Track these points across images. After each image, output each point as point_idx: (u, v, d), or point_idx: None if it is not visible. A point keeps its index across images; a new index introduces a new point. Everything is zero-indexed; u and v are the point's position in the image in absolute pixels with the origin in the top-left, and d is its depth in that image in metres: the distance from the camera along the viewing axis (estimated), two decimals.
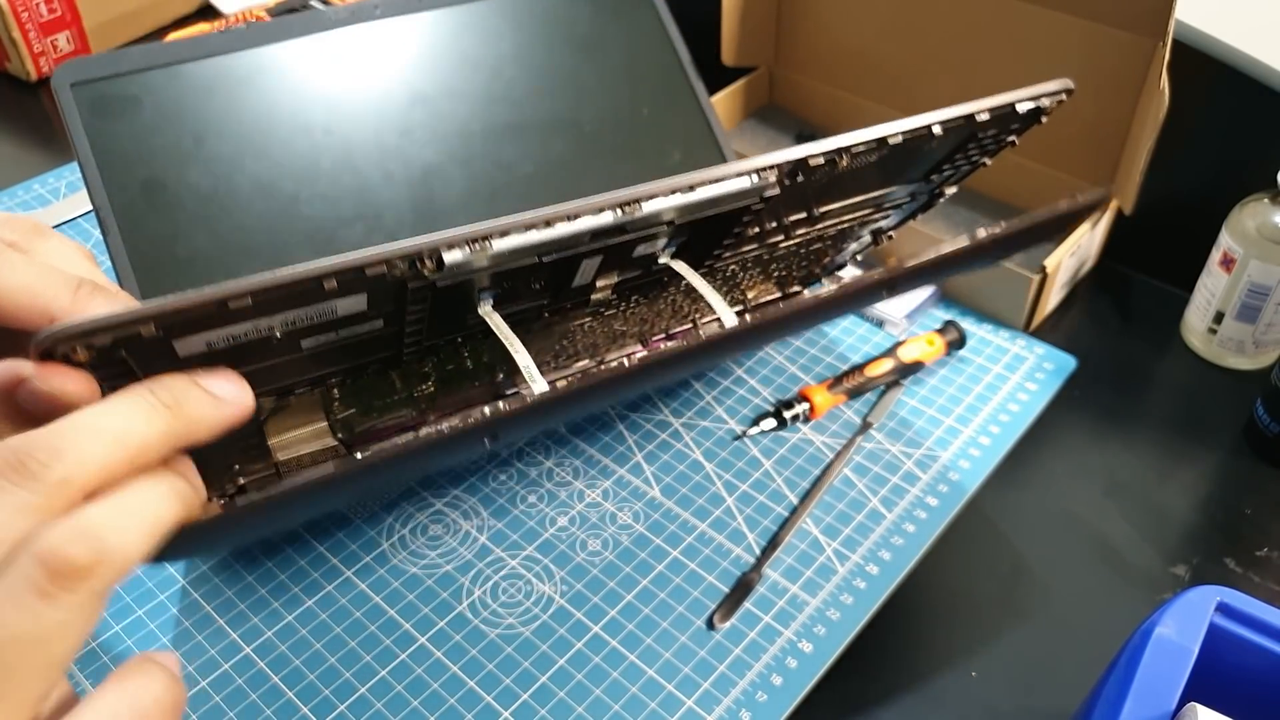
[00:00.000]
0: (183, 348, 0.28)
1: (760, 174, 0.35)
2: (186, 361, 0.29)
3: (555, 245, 0.33)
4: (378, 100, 0.50)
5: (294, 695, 0.43)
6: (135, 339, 0.27)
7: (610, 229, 0.33)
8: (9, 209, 0.71)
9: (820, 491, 0.52)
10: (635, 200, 0.33)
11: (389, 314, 0.33)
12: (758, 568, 0.48)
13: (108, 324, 0.26)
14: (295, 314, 0.30)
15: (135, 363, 0.28)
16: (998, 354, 0.60)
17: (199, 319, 0.27)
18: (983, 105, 0.37)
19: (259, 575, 0.48)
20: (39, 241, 0.34)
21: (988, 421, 0.56)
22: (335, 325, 0.32)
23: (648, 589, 0.47)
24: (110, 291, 0.33)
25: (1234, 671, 0.35)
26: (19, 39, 0.83)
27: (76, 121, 0.44)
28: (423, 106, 0.50)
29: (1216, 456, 0.55)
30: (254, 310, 0.28)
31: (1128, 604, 0.48)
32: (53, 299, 0.31)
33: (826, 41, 0.73)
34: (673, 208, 0.34)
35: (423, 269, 0.30)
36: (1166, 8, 0.55)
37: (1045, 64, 0.63)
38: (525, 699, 0.43)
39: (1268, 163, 0.55)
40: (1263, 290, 0.56)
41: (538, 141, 0.52)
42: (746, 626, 0.46)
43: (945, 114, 0.37)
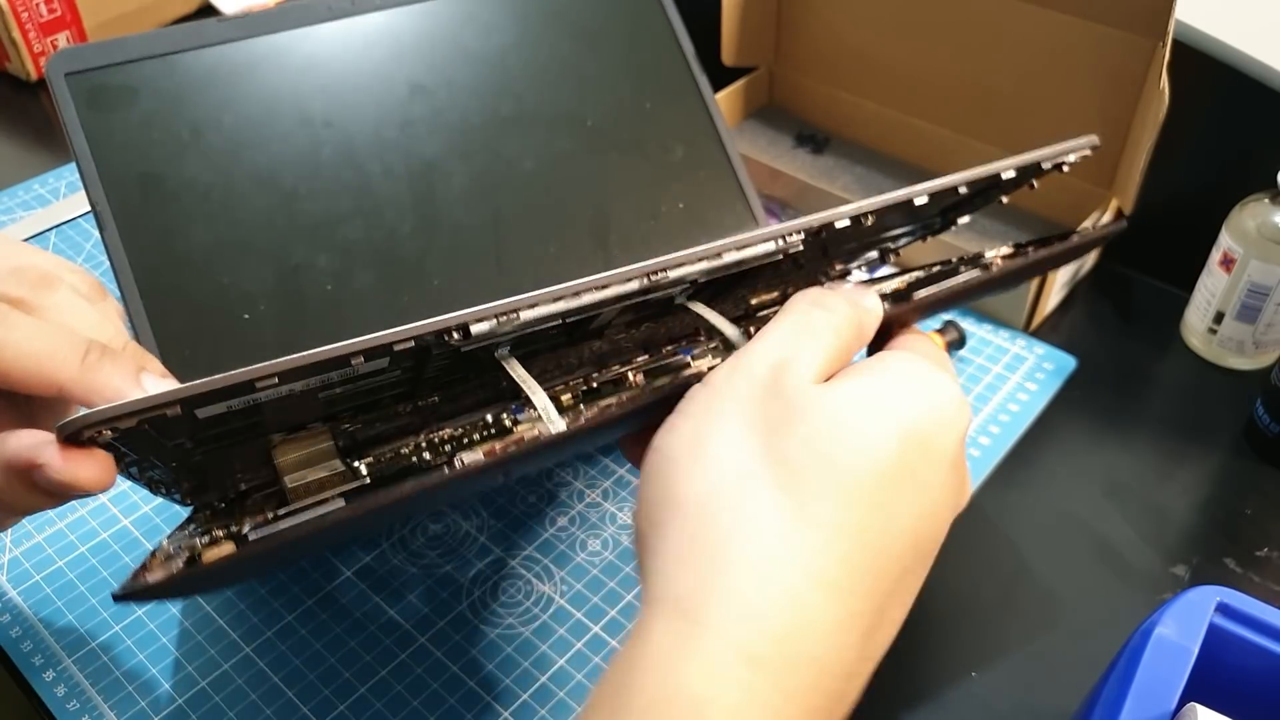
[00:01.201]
0: (203, 412, 0.29)
1: (786, 238, 0.36)
2: (205, 424, 0.30)
3: (581, 311, 0.33)
4: (379, 92, 0.49)
5: (294, 695, 0.43)
6: (160, 417, 0.27)
7: (636, 293, 0.34)
8: (9, 209, 0.71)
9: None
10: (663, 269, 0.33)
11: (408, 367, 0.34)
12: None
13: (134, 410, 0.27)
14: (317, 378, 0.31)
15: (156, 431, 0.28)
16: (998, 354, 0.60)
17: (223, 394, 0.28)
18: (1009, 164, 0.38)
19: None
20: (46, 295, 0.34)
21: (988, 422, 0.56)
22: (354, 380, 0.33)
23: None
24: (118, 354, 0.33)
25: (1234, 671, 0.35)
26: (19, 39, 0.83)
27: (71, 112, 0.44)
28: (424, 99, 0.50)
29: (1216, 456, 0.55)
30: (279, 383, 0.28)
31: (1128, 604, 0.48)
32: (60, 367, 0.31)
33: (826, 41, 0.73)
34: (699, 271, 0.34)
35: (450, 341, 0.30)
36: (1166, 8, 0.55)
37: (1045, 64, 0.63)
38: (525, 699, 0.43)
39: (1268, 163, 0.55)
40: (1263, 290, 0.56)
41: (539, 135, 0.52)
42: None
43: (971, 175, 0.37)
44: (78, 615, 0.47)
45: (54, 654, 0.45)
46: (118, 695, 0.44)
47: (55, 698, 0.44)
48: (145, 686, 0.44)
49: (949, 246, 0.62)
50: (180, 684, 0.44)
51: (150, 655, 0.45)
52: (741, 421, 0.28)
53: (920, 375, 0.30)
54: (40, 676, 0.44)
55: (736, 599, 0.26)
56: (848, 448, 0.27)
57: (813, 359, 0.30)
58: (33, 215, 0.70)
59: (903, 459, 0.28)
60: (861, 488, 0.27)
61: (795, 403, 0.28)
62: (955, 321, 0.59)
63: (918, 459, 0.28)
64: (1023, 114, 0.66)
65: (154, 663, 0.45)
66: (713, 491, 0.27)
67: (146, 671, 0.44)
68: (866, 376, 0.29)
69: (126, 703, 0.43)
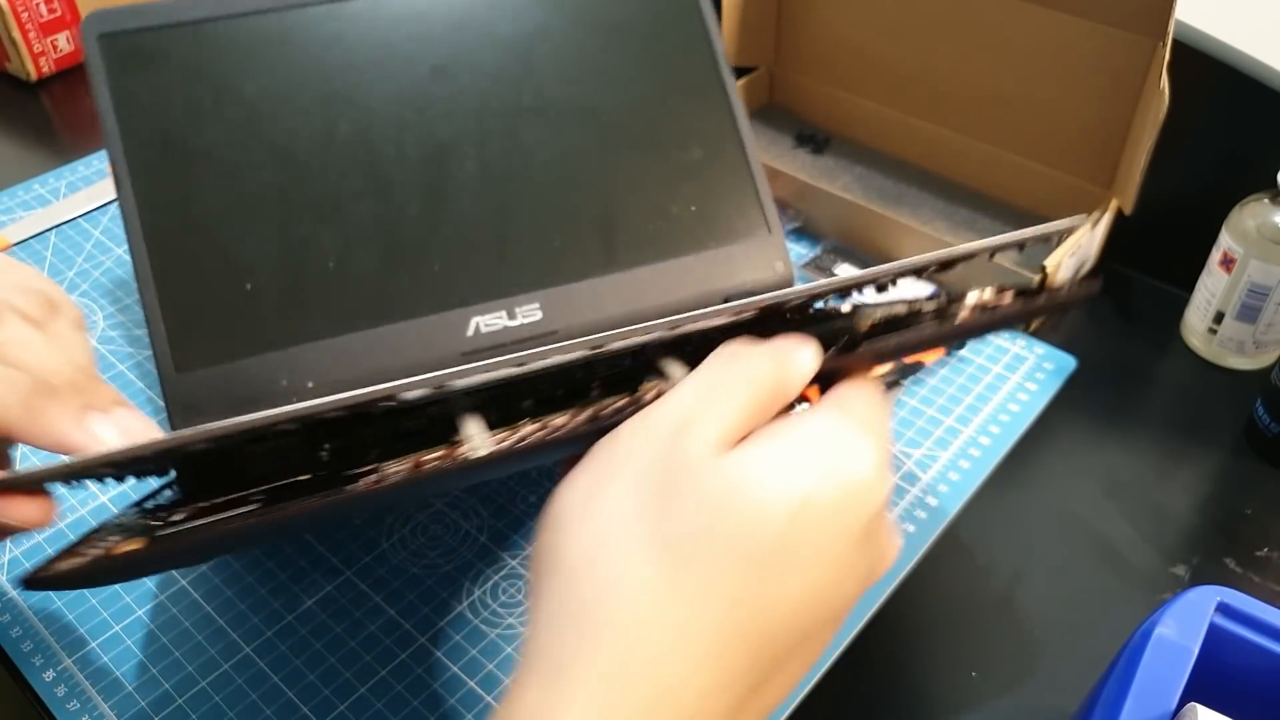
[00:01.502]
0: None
1: (738, 315, 0.34)
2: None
3: (520, 378, 0.33)
4: (400, 72, 0.50)
5: (294, 695, 0.43)
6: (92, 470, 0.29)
7: (579, 361, 0.33)
8: (9, 209, 0.71)
9: None
10: (608, 342, 0.32)
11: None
12: None
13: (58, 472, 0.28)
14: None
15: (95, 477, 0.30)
16: (998, 354, 0.60)
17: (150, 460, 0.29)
18: (990, 244, 0.37)
19: (259, 575, 0.48)
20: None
21: (988, 421, 0.56)
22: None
23: None
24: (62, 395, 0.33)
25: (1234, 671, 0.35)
26: (19, 39, 0.83)
27: (100, 72, 0.45)
28: (444, 82, 0.50)
29: (1216, 456, 0.55)
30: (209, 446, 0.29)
31: (1128, 604, 0.48)
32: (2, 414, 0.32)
33: (827, 41, 0.73)
34: (647, 342, 0.33)
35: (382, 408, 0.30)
36: (1166, 8, 0.55)
37: (1045, 64, 0.63)
38: None
39: (1268, 163, 0.55)
40: (1263, 290, 0.56)
41: (556, 127, 0.52)
42: None
43: (952, 252, 0.37)
44: (78, 615, 0.47)
45: (54, 654, 0.45)
46: (118, 695, 0.44)
47: (55, 698, 0.44)
48: (145, 686, 0.44)
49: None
50: (180, 684, 0.44)
51: (150, 655, 0.45)
52: (634, 484, 0.28)
53: (835, 443, 0.29)
54: (40, 676, 0.44)
55: (602, 664, 0.26)
56: (733, 520, 0.27)
57: (719, 421, 0.28)
58: (33, 215, 0.70)
59: (792, 534, 0.27)
60: (740, 561, 0.27)
61: (690, 469, 0.27)
62: None
63: (813, 534, 0.27)
64: (1023, 114, 0.66)
65: (154, 663, 0.45)
66: (592, 554, 0.27)
67: (146, 671, 0.44)
68: (773, 443, 0.28)
69: (126, 703, 0.43)
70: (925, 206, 0.70)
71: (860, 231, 0.66)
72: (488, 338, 0.49)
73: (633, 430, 0.29)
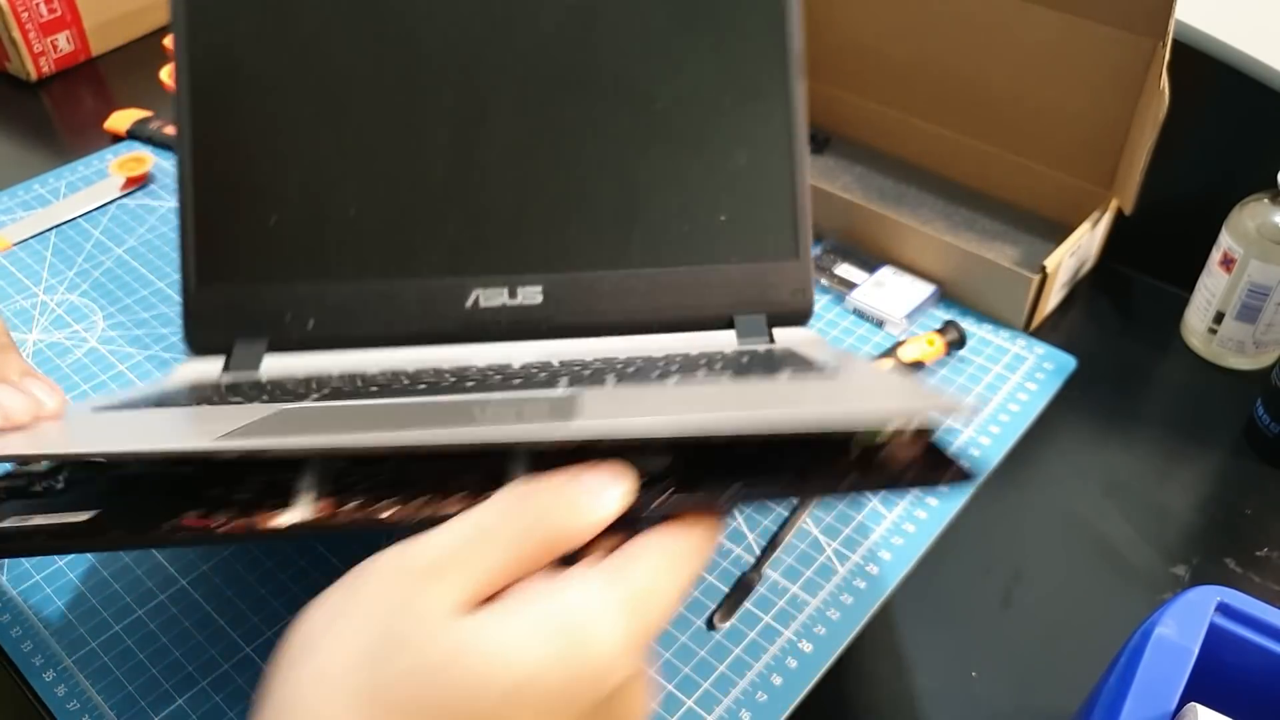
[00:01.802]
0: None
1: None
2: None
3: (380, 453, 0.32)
4: (460, 19, 0.50)
5: None
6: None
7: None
8: (9, 209, 0.71)
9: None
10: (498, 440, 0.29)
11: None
12: (757, 567, 0.48)
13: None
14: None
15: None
16: (998, 354, 0.60)
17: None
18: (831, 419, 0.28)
19: (259, 576, 0.48)
20: None
21: (988, 422, 0.56)
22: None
23: None
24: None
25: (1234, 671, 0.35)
26: (19, 39, 0.83)
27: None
28: (501, 42, 0.50)
29: (1216, 456, 0.55)
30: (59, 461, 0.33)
31: (1128, 604, 0.48)
32: None
33: (828, 42, 0.73)
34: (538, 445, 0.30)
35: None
36: (1166, 8, 0.55)
37: (1045, 64, 0.63)
38: None
39: (1268, 163, 0.55)
40: (1263, 290, 0.56)
41: (601, 105, 0.51)
42: (746, 626, 0.46)
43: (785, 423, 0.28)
44: (78, 615, 0.47)
45: (54, 654, 0.45)
46: (118, 695, 0.44)
47: (55, 698, 0.44)
48: (145, 686, 0.44)
49: (950, 247, 0.62)
50: (180, 684, 0.44)
51: (150, 655, 0.45)
52: (364, 627, 0.27)
53: (582, 624, 0.26)
54: (40, 676, 0.44)
55: None
56: (448, 690, 0.25)
57: (471, 577, 0.27)
58: (33, 215, 0.70)
59: (505, 712, 0.25)
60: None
61: (422, 625, 0.26)
62: (955, 322, 0.59)
63: (529, 715, 0.26)
64: (1023, 114, 0.66)
65: (154, 663, 0.45)
66: (302, 698, 0.26)
67: (146, 671, 0.44)
68: (516, 613, 0.26)
69: (126, 703, 0.43)
70: (925, 206, 0.70)
71: (860, 231, 0.66)
72: (486, 312, 0.50)
73: (384, 563, 0.28)
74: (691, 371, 0.40)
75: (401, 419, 0.32)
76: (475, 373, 0.44)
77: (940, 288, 0.63)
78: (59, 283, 0.65)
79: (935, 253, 0.63)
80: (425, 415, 0.33)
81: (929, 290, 0.63)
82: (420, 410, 0.34)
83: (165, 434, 0.34)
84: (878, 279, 0.64)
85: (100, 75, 0.87)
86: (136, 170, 0.72)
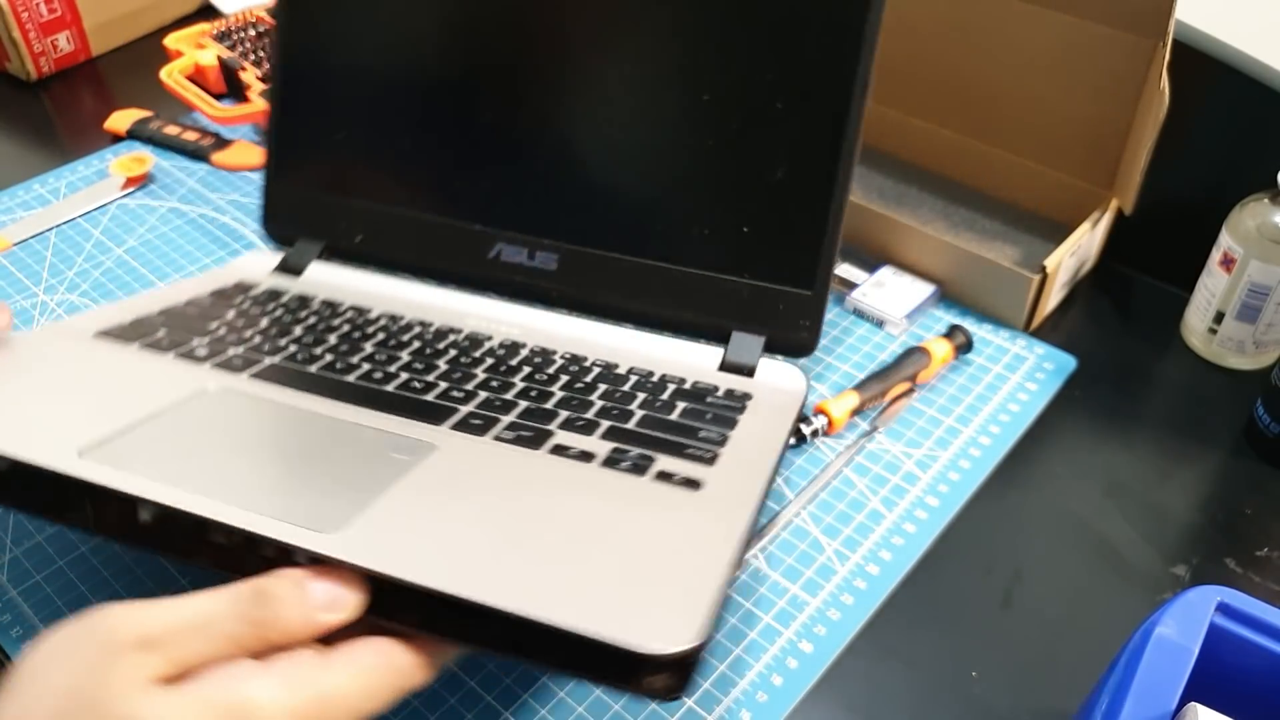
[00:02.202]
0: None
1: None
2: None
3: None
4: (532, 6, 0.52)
5: None
6: None
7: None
8: (9, 209, 0.71)
9: (819, 489, 0.52)
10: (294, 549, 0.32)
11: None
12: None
13: None
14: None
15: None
16: (998, 354, 0.60)
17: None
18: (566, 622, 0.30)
19: None
20: None
21: (988, 421, 0.56)
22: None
23: None
24: None
25: (1234, 671, 0.35)
26: (19, 39, 0.83)
27: None
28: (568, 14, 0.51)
29: (1216, 456, 0.55)
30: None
31: (1128, 604, 0.48)
32: None
33: None
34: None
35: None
36: (1166, 8, 0.55)
37: (1045, 64, 0.63)
38: (525, 699, 0.43)
39: (1268, 163, 0.55)
40: (1263, 290, 0.56)
41: (655, 88, 0.50)
42: (747, 626, 0.46)
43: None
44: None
45: None
46: None
47: None
48: None
49: (950, 247, 0.62)
50: None
51: None
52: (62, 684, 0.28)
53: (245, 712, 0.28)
54: None
55: None
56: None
57: (172, 658, 0.28)
58: (33, 215, 0.70)
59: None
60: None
61: (104, 694, 0.27)
62: (962, 326, 0.59)
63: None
64: (1023, 114, 0.66)
65: None
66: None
67: None
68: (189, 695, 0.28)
69: None
70: (925, 206, 0.70)
71: (860, 231, 0.66)
72: (504, 267, 0.54)
73: (104, 622, 0.29)
74: (623, 408, 0.45)
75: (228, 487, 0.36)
76: (463, 338, 0.51)
77: (940, 288, 0.63)
78: (59, 283, 0.65)
79: (935, 253, 0.63)
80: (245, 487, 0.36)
81: (929, 290, 0.63)
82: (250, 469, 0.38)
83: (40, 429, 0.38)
84: (878, 279, 0.64)
85: (100, 75, 0.87)
86: (136, 170, 0.72)
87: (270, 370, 0.47)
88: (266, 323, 0.51)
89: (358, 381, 0.46)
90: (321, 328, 0.51)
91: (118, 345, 0.48)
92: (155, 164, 0.75)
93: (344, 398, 0.44)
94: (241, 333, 0.50)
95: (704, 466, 0.40)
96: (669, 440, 0.42)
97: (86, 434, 0.39)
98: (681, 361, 0.51)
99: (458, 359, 0.48)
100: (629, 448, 0.42)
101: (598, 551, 0.33)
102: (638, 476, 0.39)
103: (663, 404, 0.46)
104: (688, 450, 0.42)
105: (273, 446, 0.41)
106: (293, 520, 0.34)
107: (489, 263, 0.54)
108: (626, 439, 0.42)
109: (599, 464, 0.40)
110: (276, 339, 0.49)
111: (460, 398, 0.45)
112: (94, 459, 0.37)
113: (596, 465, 0.40)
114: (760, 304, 0.50)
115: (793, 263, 0.50)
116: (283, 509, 0.34)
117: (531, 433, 0.42)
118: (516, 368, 0.48)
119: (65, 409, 0.41)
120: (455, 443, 0.41)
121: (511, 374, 0.47)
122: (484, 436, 0.42)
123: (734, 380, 0.49)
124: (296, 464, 0.40)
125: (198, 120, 0.79)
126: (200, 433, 0.41)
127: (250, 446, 0.41)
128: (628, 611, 0.30)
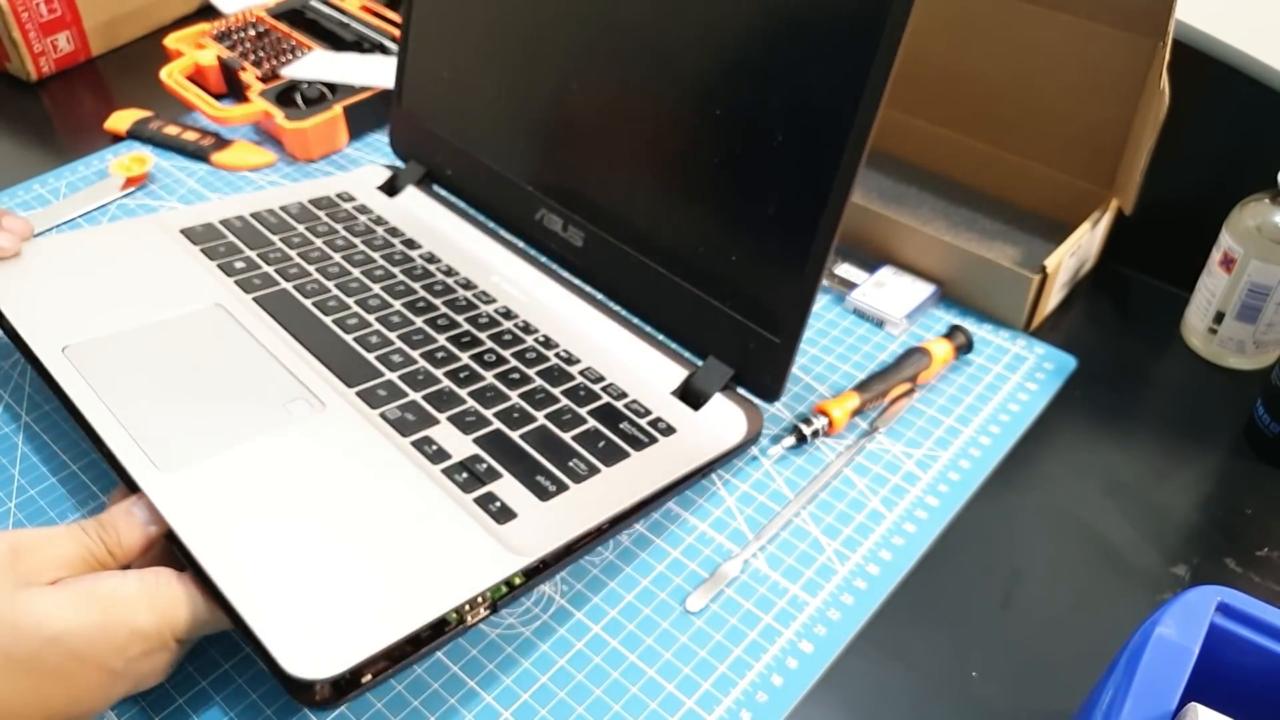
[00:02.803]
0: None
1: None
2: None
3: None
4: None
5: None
6: None
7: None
8: (9, 209, 0.71)
9: (819, 489, 0.52)
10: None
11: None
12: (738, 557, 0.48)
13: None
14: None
15: None
16: (998, 354, 0.60)
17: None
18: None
19: None
20: None
21: (988, 421, 0.56)
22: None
23: (648, 589, 0.47)
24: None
25: (1234, 671, 0.35)
26: (19, 39, 0.83)
27: None
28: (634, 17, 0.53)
29: (1216, 456, 0.55)
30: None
31: (1128, 604, 0.48)
32: None
33: None
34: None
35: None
36: (1166, 8, 0.55)
37: (1045, 64, 0.63)
38: (525, 699, 0.43)
39: (1268, 163, 0.55)
40: (1263, 290, 0.56)
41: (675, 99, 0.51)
42: (747, 626, 0.46)
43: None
44: None
45: None
46: None
47: None
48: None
49: (950, 247, 0.62)
50: (180, 684, 0.44)
51: None
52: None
53: (113, 600, 0.38)
54: None
55: None
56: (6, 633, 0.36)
57: (38, 565, 0.38)
58: (33, 215, 0.70)
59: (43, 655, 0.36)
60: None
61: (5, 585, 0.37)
62: (962, 327, 0.59)
63: (62, 658, 0.36)
64: (1023, 114, 0.66)
65: None
66: None
67: None
68: (63, 590, 0.37)
69: (126, 703, 0.43)
70: (925, 206, 0.70)
71: (860, 231, 0.66)
72: (545, 232, 0.60)
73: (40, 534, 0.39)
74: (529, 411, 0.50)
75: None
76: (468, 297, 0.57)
77: (940, 288, 0.63)
78: None
79: (935, 253, 0.63)
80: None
81: (929, 290, 0.63)
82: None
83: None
84: (878, 279, 0.64)
85: (100, 75, 0.87)
86: (136, 170, 0.72)
87: (272, 297, 0.54)
88: (320, 243, 0.60)
89: (330, 323, 0.53)
90: (359, 258, 0.59)
91: (183, 246, 0.56)
92: (155, 164, 0.75)
93: (302, 337, 0.51)
94: (285, 251, 0.58)
95: (537, 500, 0.44)
96: (533, 459, 0.47)
97: (86, 330, 0.47)
98: (639, 375, 0.53)
99: (436, 320, 0.55)
100: (485, 459, 0.46)
101: (341, 566, 0.39)
102: (462, 493, 0.44)
103: (572, 417, 0.49)
104: (539, 474, 0.46)
105: (203, 374, 0.48)
106: (146, 449, 0.43)
107: (535, 224, 0.61)
108: (494, 447, 0.47)
109: (441, 468, 0.45)
110: (308, 263, 0.57)
111: (397, 363, 0.51)
112: (70, 356, 0.46)
113: (438, 470, 0.45)
114: (736, 339, 0.51)
115: (769, 305, 0.50)
116: (155, 438, 0.43)
117: (414, 417, 0.48)
118: (481, 340, 0.54)
119: (91, 300, 0.50)
120: (342, 411, 0.47)
121: (472, 345, 0.53)
122: (373, 410, 0.48)
123: (673, 409, 0.51)
124: (203, 397, 0.47)
125: (197, 120, 0.79)
126: (166, 350, 0.48)
127: (187, 370, 0.48)
128: (302, 627, 0.37)
